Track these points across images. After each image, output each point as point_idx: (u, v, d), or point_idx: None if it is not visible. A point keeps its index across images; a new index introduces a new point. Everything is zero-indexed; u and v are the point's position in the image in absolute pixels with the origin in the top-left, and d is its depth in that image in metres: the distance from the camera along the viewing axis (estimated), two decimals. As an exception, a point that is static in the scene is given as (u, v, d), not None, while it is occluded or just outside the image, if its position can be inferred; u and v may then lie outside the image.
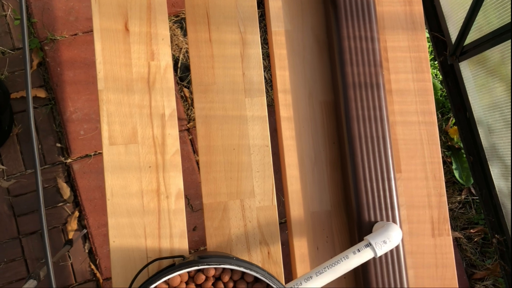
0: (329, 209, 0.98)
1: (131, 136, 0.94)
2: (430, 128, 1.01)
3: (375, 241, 0.82)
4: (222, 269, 0.75)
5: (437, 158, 1.00)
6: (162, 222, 0.93)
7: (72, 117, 1.81)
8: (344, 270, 0.80)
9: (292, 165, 0.98)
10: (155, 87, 0.96)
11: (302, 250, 0.97)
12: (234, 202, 0.96)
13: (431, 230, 0.99)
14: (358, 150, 0.93)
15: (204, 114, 0.97)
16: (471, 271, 1.92)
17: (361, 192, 0.92)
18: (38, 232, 1.78)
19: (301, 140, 0.99)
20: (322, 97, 1.01)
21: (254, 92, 0.99)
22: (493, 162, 1.37)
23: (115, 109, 0.95)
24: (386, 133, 0.94)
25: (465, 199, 1.94)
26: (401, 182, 0.99)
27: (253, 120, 0.98)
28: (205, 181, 0.96)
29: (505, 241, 1.45)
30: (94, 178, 1.79)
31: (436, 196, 1.00)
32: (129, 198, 0.93)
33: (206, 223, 0.95)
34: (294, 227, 0.97)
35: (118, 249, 0.91)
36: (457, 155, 1.93)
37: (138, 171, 0.93)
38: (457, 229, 1.94)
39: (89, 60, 1.84)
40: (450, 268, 0.98)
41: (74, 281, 1.78)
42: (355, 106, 0.94)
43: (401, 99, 1.01)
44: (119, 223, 0.92)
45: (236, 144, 0.97)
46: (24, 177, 1.79)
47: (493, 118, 1.28)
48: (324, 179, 0.99)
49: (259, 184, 0.97)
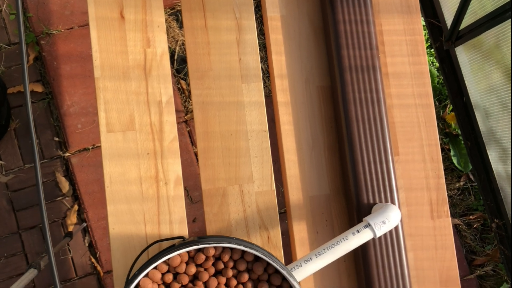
0: (328, 193, 0.98)
1: (128, 123, 0.94)
2: (427, 111, 1.01)
3: (374, 222, 0.82)
4: (222, 248, 0.75)
5: (435, 140, 1.01)
6: (162, 209, 0.93)
7: (70, 111, 1.80)
8: (344, 251, 0.80)
9: (290, 150, 0.98)
10: (151, 74, 0.96)
11: (302, 234, 0.97)
12: (233, 188, 0.96)
13: (430, 212, 0.99)
14: (356, 133, 0.93)
15: (201, 100, 0.97)
16: (471, 258, 1.93)
17: (359, 174, 0.92)
18: (37, 226, 1.78)
19: (298, 125, 0.99)
20: (319, 81, 1.01)
21: (250, 78, 0.99)
22: (490, 146, 1.37)
23: (112, 96, 0.95)
24: (383, 116, 0.94)
25: (464, 185, 1.95)
26: (399, 164, 1.00)
27: (250, 106, 0.98)
28: (204, 167, 0.96)
29: (504, 225, 1.45)
30: (93, 172, 1.79)
31: (434, 178, 1.00)
32: (128, 185, 0.93)
33: (206, 208, 0.95)
34: (293, 212, 0.97)
35: (117, 236, 0.91)
36: (455, 141, 1.93)
37: (136, 158, 0.93)
38: (456, 215, 1.94)
39: (85, 54, 1.84)
40: (450, 250, 0.99)
41: (74, 274, 1.78)
42: (352, 89, 0.94)
43: (398, 82, 1.01)
44: (118, 210, 0.92)
45: (233, 130, 0.97)
46: (22, 171, 1.79)
47: (489, 102, 1.28)
48: (322, 163, 0.99)
49: (258, 169, 0.97)
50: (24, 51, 0.70)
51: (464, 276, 1.90)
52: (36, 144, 0.67)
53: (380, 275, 0.91)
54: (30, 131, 0.67)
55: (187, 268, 0.73)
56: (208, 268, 0.74)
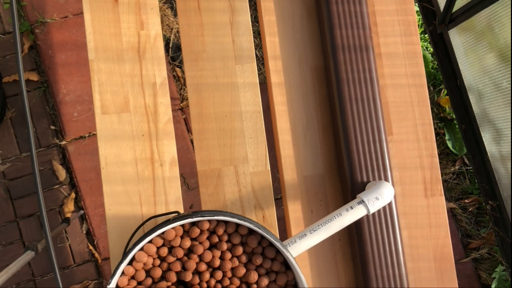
0: (322, 173, 0.99)
1: (123, 105, 0.95)
2: (420, 90, 1.02)
3: (367, 198, 0.83)
4: (216, 222, 0.75)
5: (428, 120, 1.01)
6: (157, 190, 0.94)
7: (65, 99, 1.81)
8: (338, 227, 0.81)
9: (284, 130, 0.99)
10: (145, 56, 0.97)
11: (297, 214, 0.98)
12: (228, 169, 0.97)
13: (424, 190, 1.00)
14: (349, 112, 0.94)
15: (195, 82, 0.98)
16: (467, 241, 1.94)
17: (353, 153, 0.93)
18: (35, 214, 1.79)
19: (292, 106, 1.00)
20: (313, 62, 1.01)
21: (244, 59, 0.99)
22: (484, 128, 1.38)
23: (106, 78, 0.95)
24: (376, 95, 0.95)
25: (459, 169, 1.96)
26: (393, 144, 1.00)
27: (244, 87, 0.99)
28: (199, 148, 0.97)
29: (499, 206, 1.46)
30: (89, 159, 1.80)
31: (428, 157, 1.01)
32: (123, 166, 0.93)
33: (201, 189, 0.96)
34: (288, 191, 0.98)
35: (113, 216, 0.92)
36: (449, 126, 1.94)
37: (132, 140, 0.94)
38: (451, 199, 1.95)
39: (80, 42, 1.84)
40: (444, 228, 0.99)
41: (72, 262, 1.79)
42: (345, 69, 0.95)
43: (391, 62, 1.02)
44: (114, 191, 0.92)
45: (228, 111, 0.98)
46: (19, 160, 1.79)
47: (483, 83, 1.29)
48: (317, 144, 0.99)
49: (252, 150, 0.97)
50: (19, 42, 0.70)
51: (460, 260, 1.92)
52: (32, 133, 0.67)
53: (375, 253, 0.92)
54: (27, 120, 0.68)
55: (182, 242, 0.74)
56: (202, 241, 0.75)
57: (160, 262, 0.75)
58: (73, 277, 1.78)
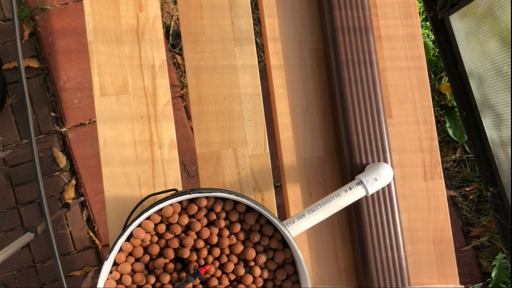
0: (321, 155, 0.99)
1: (122, 87, 0.95)
2: (420, 73, 1.02)
3: (366, 179, 0.83)
4: (214, 200, 0.75)
5: (428, 102, 1.01)
6: (156, 172, 0.94)
7: (66, 86, 1.81)
8: (336, 208, 0.81)
9: (283, 113, 0.99)
10: (144, 38, 0.96)
11: (296, 196, 0.98)
12: (227, 151, 0.97)
13: (423, 173, 1.00)
14: (349, 94, 0.94)
15: (194, 64, 0.98)
16: (467, 229, 1.94)
17: (352, 135, 0.93)
18: (36, 201, 1.79)
19: (292, 88, 0.99)
20: (312, 44, 1.01)
21: (243, 41, 0.99)
22: (485, 114, 1.37)
23: (105, 60, 0.95)
24: (375, 77, 0.95)
25: (459, 157, 1.95)
26: (393, 127, 1.00)
27: (243, 69, 0.98)
28: (198, 131, 0.97)
29: (499, 193, 1.46)
30: (90, 146, 1.80)
31: (428, 140, 1.00)
32: (122, 148, 0.93)
33: (200, 172, 0.96)
34: (287, 174, 0.98)
35: (112, 198, 0.92)
36: (450, 113, 1.94)
37: (131, 122, 0.94)
38: (452, 187, 1.95)
39: (80, 29, 1.84)
40: (443, 211, 0.99)
41: (73, 248, 1.79)
42: (345, 51, 0.94)
43: (391, 45, 1.02)
44: (113, 172, 0.92)
45: (227, 94, 0.98)
46: (20, 147, 1.79)
47: (484, 68, 1.29)
48: (316, 126, 0.99)
49: (251, 132, 0.97)
50: (17, 29, 0.70)
51: (460, 248, 1.92)
52: (32, 120, 0.67)
53: (374, 236, 0.92)
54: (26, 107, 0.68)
55: (180, 219, 0.74)
56: (200, 218, 0.75)
57: (158, 239, 0.76)
58: (73, 264, 1.78)
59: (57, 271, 0.63)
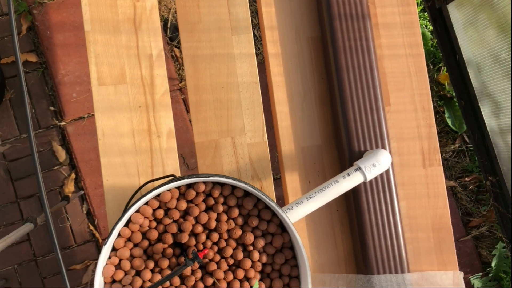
0: (320, 143, 0.99)
1: (119, 77, 0.95)
2: (417, 60, 1.02)
3: (364, 165, 0.83)
4: (212, 185, 0.75)
5: (426, 90, 1.01)
6: (155, 161, 0.94)
7: (64, 80, 1.81)
8: (335, 194, 0.81)
9: (281, 101, 0.99)
10: (141, 28, 0.96)
11: (294, 185, 0.98)
12: (225, 140, 0.97)
13: (422, 161, 1.00)
14: (346, 81, 0.94)
15: (191, 53, 0.98)
16: (467, 219, 1.94)
17: (350, 122, 0.93)
18: (35, 195, 1.79)
19: (289, 76, 0.99)
20: (309, 32, 1.01)
21: (240, 30, 0.99)
22: (483, 102, 1.37)
23: (102, 50, 0.95)
24: (373, 63, 0.95)
25: (459, 147, 1.95)
26: (391, 115, 1.00)
27: (240, 58, 0.98)
28: (196, 120, 0.97)
29: (498, 181, 1.46)
30: (89, 140, 1.80)
31: (426, 127, 1.00)
32: (121, 137, 0.93)
33: (199, 161, 0.96)
34: (286, 162, 0.98)
35: (111, 187, 0.92)
36: (449, 104, 1.94)
37: (128, 111, 0.94)
38: (452, 178, 1.95)
39: (78, 23, 1.84)
40: (442, 198, 0.99)
41: (73, 242, 1.79)
42: (342, 37, 0.94)
43: (388, 32, 1.02)
44: (112, 162, 0.92)
45: (224, 82, 0.98)
46: (19, 141, 1.79)
47: (481, 56, 1.28)
48: (314, 114, 0.99)
49: (249, 121, 0.97)
50: (14, 23, 0.70)
51: (460, 238, 1.92)
52: (31, 114, 0.67)
53: (373, 223, 0.92)
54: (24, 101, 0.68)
55: (178, 204, 0.74)
56: (198, 204, 0.75)
57: (156, 225, 0.76)
58: (74, 257, 1.79)
59: (58, 264, 0.63)
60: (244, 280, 0.75)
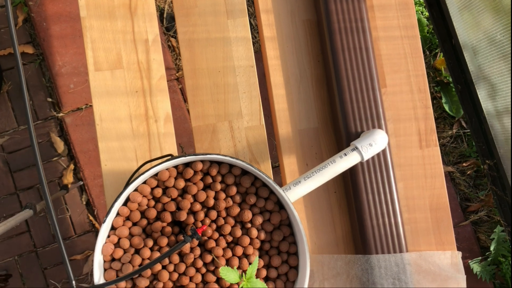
0: (317, 126, 0.99)
1: (116, 62, 0.95)
2: (413, 42, 1.02)
3: (361, 145, 0.83)
4: (210, 164, 0.76)
5: (421, 71, 1.01)
6: (153, 145, 0.94)
7: (61, 71, 1.81)
8: (332, 174, 0.81)
9: (278, 84, 0.99)
10: (137, 13, 0.97)
11: (292, 167, 0.98)
12: (222, 124, 0.97)
13: (419, 141, 1.00)
14: (342, 62, 0.94)
15: (187, 38, 0.98)
16: (465, 205, 1.95)
17: (346, 103, 0.93)
18: (35, 186, 1.79)
19: (285, 59, 1.00)
20: (305, 15, 1.01)
21: (236, 13, 0.99)
22: (479, 85, 1.37)
23: (98, 35, 0.95)
24: (368, 44, 0.95)
25: (456, 133, 1.96)
26: (387, 96, 1.00)
27: (236, 42, 0.99)
28: (193, 104, 0.97)
29: (496, 164, 1.46)
30: (87, 130, 1.80)
31: (422, 108, 1.01)
32: (118, 122, 0.94)
33: (196, 145, 0.96)
34: (283, 145, 0.98)
35: (110, 172, 0.92)
36: (446, 89, 1.94)
37: (125, 96, 0.94)
38: (449, 163, 1.96)
39: (74, 14, 1.84)
40: (439, 178, 1.00)
41: (73, 232, 1.80)
42: (337, 19, 0.94)
43: (383, 14, 1.02)
44: (110, 147, 0.93)
45: (221, 66, 0.98)
46: (17, 133, 1.80)
47: (477, 38, 1.29)
48: (310, 97, 1.00)
49: (246, 104, 0.98)
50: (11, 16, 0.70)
51: (459, 223, 1.93)
52: (29, 106, 0.68)
53: (371, 203, 0.93)
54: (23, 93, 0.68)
55: (176, 182, 0.75)
56: (196, 182, 0.76)
57: (155, 203, 0.76)
58: (74, 248, 1.79)
59: (60, 250, 0.63)
60: (243, 257, 0.76)
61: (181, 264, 0.74)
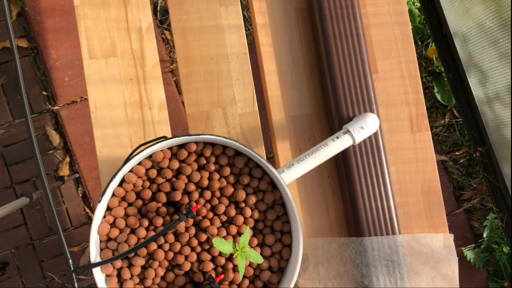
0: (310, 112, 1.01)
1: (110, 50, 0.96)
2: (403, 28, 1.03)
3: (352, 128, 0.84)
4: (203, 145, 0.77)
5: (412, 57, 1.03)
6: (147, 132, 0.95)
7: (56, 65, 1.81)
8: (324, 157, 0.82)
9: (270, 71, 1.00)
10: (130, 1, 0.98)
11: (285, 153, 0.99)
12: (216, 111, 0.98)
13: (410, 126, 1.02)
14: (334, 49, 0.95)
15: (180, 26, 0.99)
16: (459, 193, 1.96)
17: (338, 88, 0.95)
18: (31, 180, 1.80)
19: (278, 46, 1.01)
20: (297, 3, 1.02)
21: (228, 1, 1.00)
22: (470, 73, 1.39)
23: (92, 24, 0.96)
24: (359, 31, 0.96)
25: (448, 122, 1.98)
26: (378, 82, 1.02)
27: (229, 29, 1.00)
28: (186, 91, 0.98)
29: (487, 151, 1.48)
30: (82, 123, 1.81)
31: (413, 93, 1.02)
32: (113, 110, 0.95)
33: (191, 132, 0.97)
34: (276, 131, 0.99)
35: (105, 159, 0.93)
36: (438, 79, 1.96)
37: (120, 84, 0.95)
38: (442, 152, 1.97)
39: (68, 7, 1.84)
40: (431, 162, 1.01)
41: (70, 225, 1.81)
42: (328, 6, 0.96)
43: (374, 1, 1.03)
44: (105, 134, 0.94)
45: (214, 54, 0.99)
46: (12, 127, 1.80)
47: (467, 26, 1.30)
48: (303, 83, 1.01)
49: (240, 91, 0.99)
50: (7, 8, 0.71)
51: (452, 211, 1.94)
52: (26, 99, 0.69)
53: (363, 187, 0.94)
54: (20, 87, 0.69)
55: (170, 163, 0.76)
56: (190, 163, 0.77)
57: (150, 184, 0.77)
58: (71, 240, 1.80)
59: (59, 239, 0.64)
60: (237, 236, 0.77)
61: (176, 243, 0.75)
